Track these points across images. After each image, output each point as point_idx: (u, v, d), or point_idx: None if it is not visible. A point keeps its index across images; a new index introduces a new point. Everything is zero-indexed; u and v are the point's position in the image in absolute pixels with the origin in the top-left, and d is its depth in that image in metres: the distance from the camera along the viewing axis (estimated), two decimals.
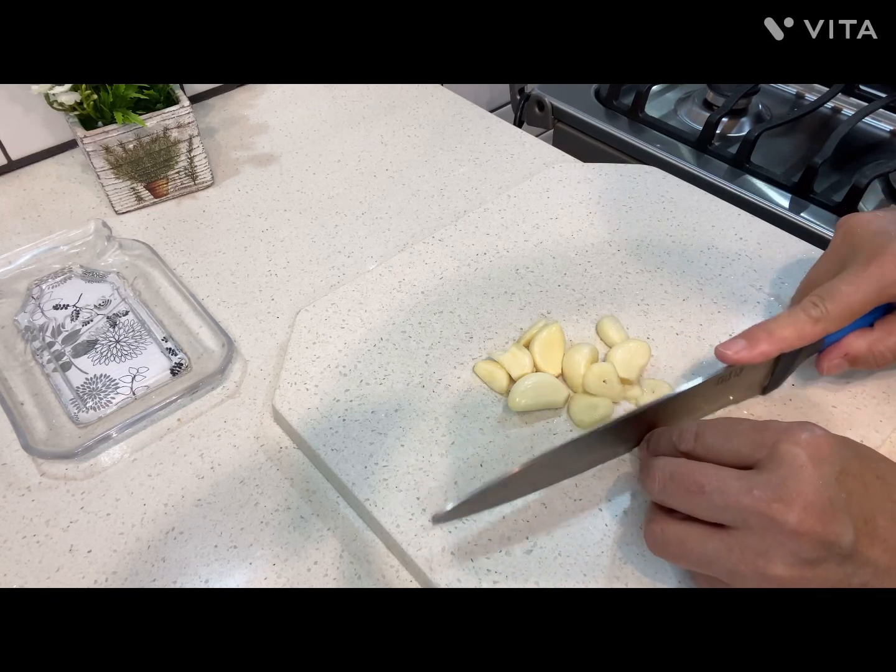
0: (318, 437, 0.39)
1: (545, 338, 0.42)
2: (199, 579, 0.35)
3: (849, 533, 0.26)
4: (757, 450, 0.29)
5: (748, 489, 0.28)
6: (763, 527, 0.27)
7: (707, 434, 0.31)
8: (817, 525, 0.26)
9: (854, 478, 0.28)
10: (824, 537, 0.26)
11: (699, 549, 0.29)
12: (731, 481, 0.28)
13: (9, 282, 0.49)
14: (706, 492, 0.29)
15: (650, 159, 0.66)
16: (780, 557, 0.27)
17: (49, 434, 0.41)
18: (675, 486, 0.30)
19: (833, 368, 0.38)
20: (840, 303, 0.35)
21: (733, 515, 0.28)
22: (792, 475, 0.27)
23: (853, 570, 0.27)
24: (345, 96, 0.70)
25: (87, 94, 0.51)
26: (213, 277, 0.51)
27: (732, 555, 0.28)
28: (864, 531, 0.27)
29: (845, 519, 0.26)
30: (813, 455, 0.28)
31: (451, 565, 0.33)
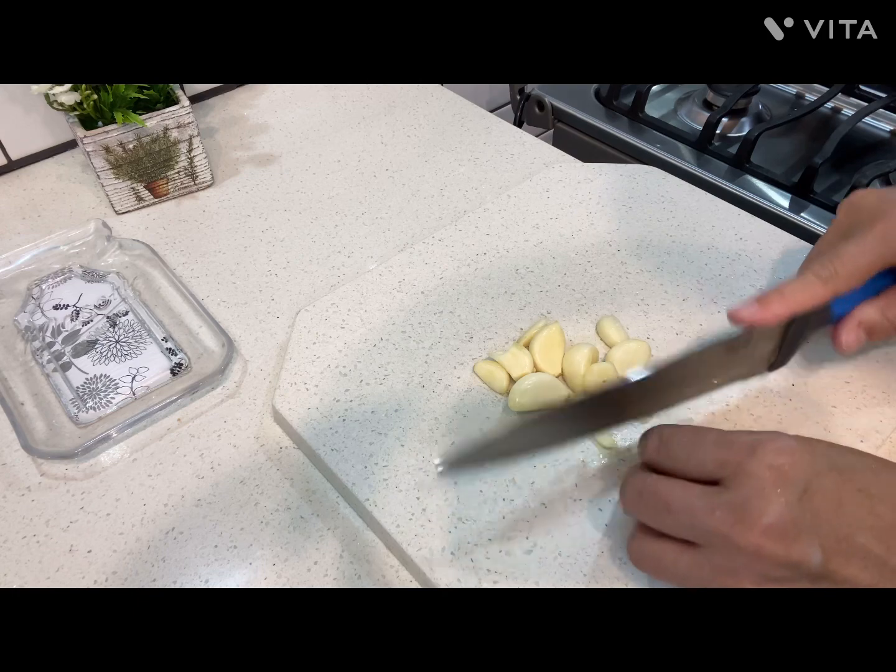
0: (318, 437, 0.39)
1: (545, 338, 0.42)
2: (199, 579, 0.35)
3: (815, 554, 0.26)
4: (721, 467, 0.29)
5: (711, 509, 0.28)
6: (727, 549, 0.27)
7: (672, 444, 0.31)
8: (778, 548, 0.26)
9: (824, 496, 0.27)
10: (787, 559, 0.26)
11: (673, 566, 0.29)
12: (695, 500, 0.28)
13: (9, 282, 0.49)
14: (672, 511, 0.29)
15: (650, 159, 0.66)
16: (747, 576, 0.27)
17: (49, 434, 0.41)
18: (644, 504, 0.30)
19: (851, 341, 0.37)
20: (848, 263, 0.35)
21: (699, 534, 0.28)
22: (754, 496, 0.27)
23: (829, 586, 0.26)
24: (345, 96, 0.70)
25: (87, 94, 0.51)
26: (213, 277, 0.51)
27: (703, 571, 0.28)
28: (838, 550, 0.26)
29: (810, 540, 0.26)
30: (777, 476, 0.27)
31: (451, 565, 0.33)
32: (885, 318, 0.36)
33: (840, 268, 0.35)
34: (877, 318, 0.36)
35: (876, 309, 0.36)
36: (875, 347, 0.42)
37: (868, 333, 0.37)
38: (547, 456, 0.37)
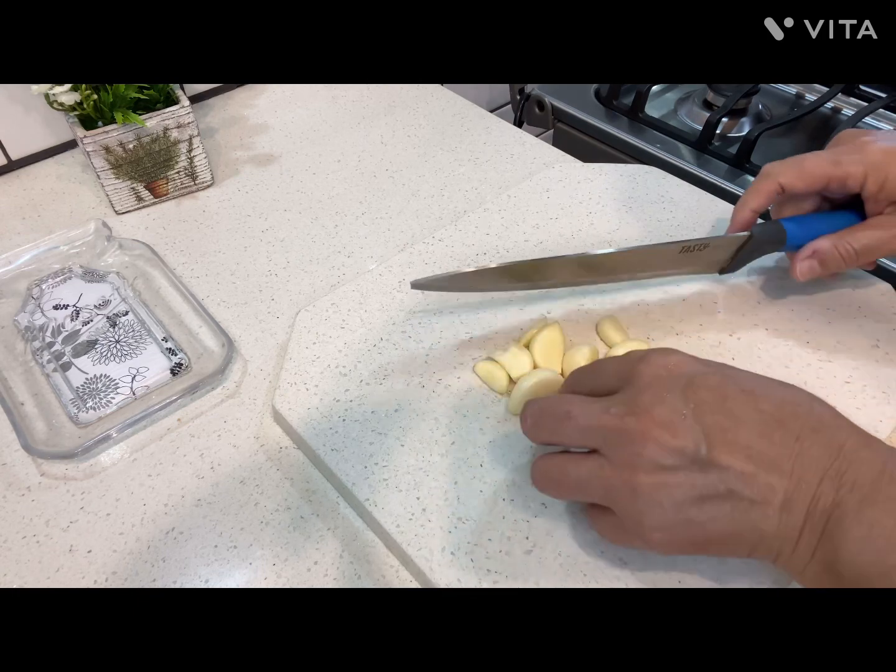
0: (318, 437, 0.39)
1: (545, 338, 0.42)
2: (199, 579, 0.35)
3: (698, 440, 0.28)
4: (618, 378, 0.31)
5: (606, 408, 0.30)
6: (621, 441, 0.29)
7: (578, 374, 0.34)
8: (663, 433, 0.28)
9: (708, 390, 0.29)
10: (673, 444, 0.28)
11: (575, 474, 0.31)
12: (592, 405, 0.31)
13: (9, 282, 0.49)
14: (572, 416, 0.31)
15: (650, 159, 0.66)
16: (640, 467, 0.28)
17: (49, 434, 0.41)
18: (545, 417, 0.32)
19: (805, 269, 0.41)
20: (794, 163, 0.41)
21: (596, 436, 0.30)
22: (641, 391, 0.30)
23: (717, 477, 0.28)
24: (345, 96, 0.70)
25: (87, 94, 0.51)
26: (213, 277, 0.51)
27: (603, 472, 0.30)
28: (722, 439, 0.28)
29: (693, 427, 0.28)
30: (661, 372, 0.30)
31: (451, 565, 0.33)
32: (836, 249, 0.40)
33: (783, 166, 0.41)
34: (828, 249, 0.40)
35: (829, 241, 0.40)
36: (875, 347, 0.43)
37: (820, 263, 0.41)
38: None
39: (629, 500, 0.29)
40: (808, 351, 0.43)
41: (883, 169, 0.38)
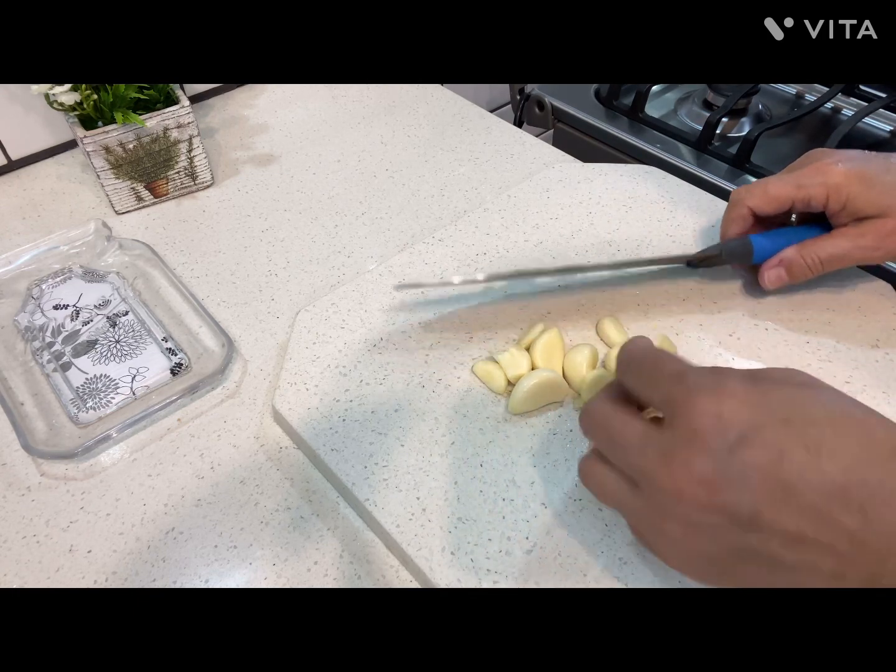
0: (318, 437, 0.39)
1: (545, 342, 0.42)
2: (199, 579, 0.35)
3: (744, 502, 0.25)
4: (668, 405, 0.28)
5: (643, 448, 0.28)
6: (654, 490, 0.27)
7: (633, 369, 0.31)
8: (701, 494, 0.26)
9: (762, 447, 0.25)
10: (711, 505, 0.26)
11: (613, 494, 0.30)
12: (634, 438, 0.28)
13: (9, 282, 0.49)
14: (615, 445, 0.29)
15: (650, 159, 0.66)
16: (673, 519, 0.27)
17: (49, 434, 0.41)
18: (595, 433, 0.31)
19: (773, 278, 0.44)
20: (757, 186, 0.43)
21: (634, 471, 0.28)
22: (683, 441, 0.27)
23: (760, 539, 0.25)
24: (345, 96, 0.70)
25: (87, 94, 0.51)
26: (213, 277, 0.51)
27: (636, 504, 0.28)
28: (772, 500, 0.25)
29: (739, 489, 0.25)
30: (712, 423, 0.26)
31: (451, 565, 0.33)
32: (801, 257, 0.42)
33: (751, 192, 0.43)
34: (794, 258, 0.43)
35: (795, 251, 0.43)
36: (875, 347, 0.43)
37: (787, 272, 0.43)
38: (546, 456, 0.37)
39: (655, 539, 0.28)
40: (808, 351, 0.43)
41: (843, 190, 0.40)
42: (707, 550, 0.27)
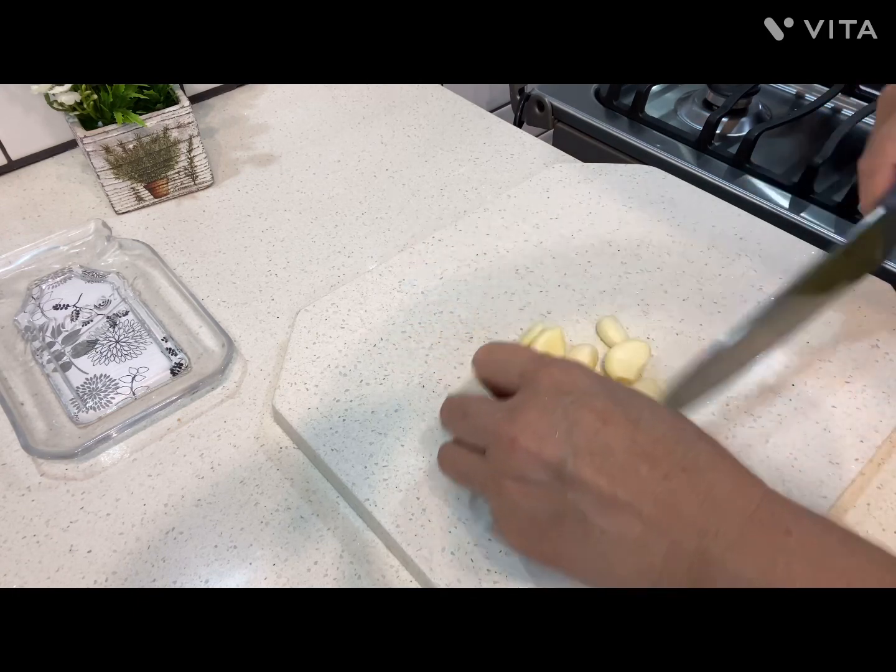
0: (318, 437, 0.39)
1: (546, 341, 0.42)
2: (199, 579, 0.35)
3: (565, 456, 0.27)
4: (521, 379, 0.31)
5: (493, 412, 0.31)
6: (497, 446, 0.30)
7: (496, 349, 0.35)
8: (533, 444, 0.28)
9: (590, 411, 0.28)
10: (539, 456, 0.28)
11: (463, 465, 0.32)
12: (485, 406, 0.32)
13: (9, 282, 0.49)
14: (468, 415, 0.32)
15: (650, 159, 0.66)
16: (507, 473, 0.29)
17: (49, 434, 0.41)
18: (450, 414, 0.34)
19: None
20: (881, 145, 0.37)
21: (484, 437, 0.31)
22: (525, 400, 0.30)
23: (575, 497, 0.27)
24: (345, 96, 0.70)
25: (87, 94, 0.51)
26: (213, 277, 0.51)
27: (483, 471, 0.31)
28: (590, 461, 0.27)
29: (563, 444, 0.28)
30: (552, 385, 0.30)
31: (451, 565, 0.33)
32: None
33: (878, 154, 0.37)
34: None
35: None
36: (875, 347, 0.43)
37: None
38: None
39: (494, 500, 0.30)
40: (809, 351, 0.43)
41: None
42: (533, 509, 0.29)
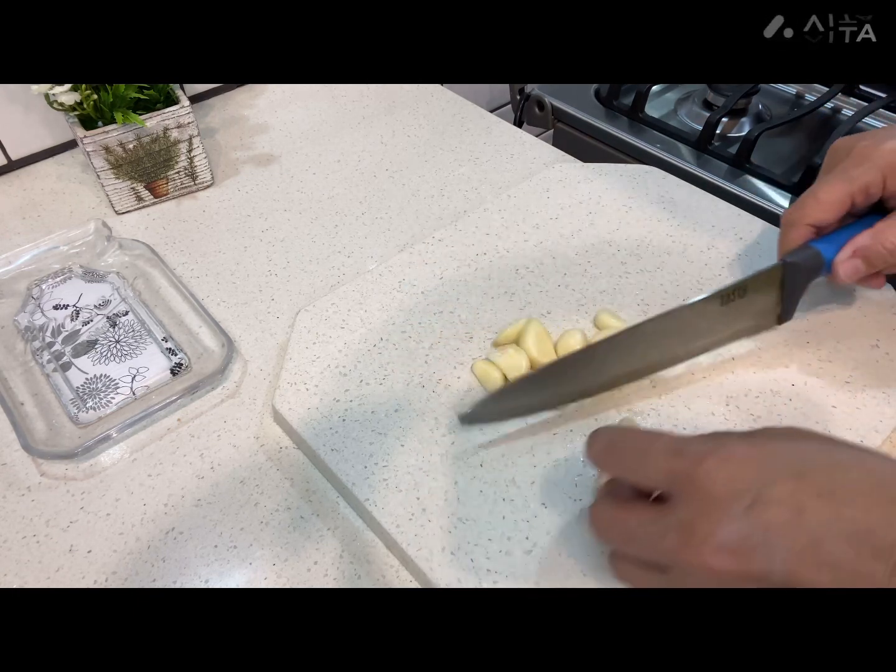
0: (318, 437, 0.39)
1: (533, 333, 0.42)
2: (199, 579, 0.35)
3: (776, 567, 0.25)
4: (671, 482, 0.28)
5: (662, 535, 0.27)
6: (685, 571, 0.27)
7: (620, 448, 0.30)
8: (731, 565, 0.25)
9: (779, 505, 0.25)
10: (745, 574, 0.25)
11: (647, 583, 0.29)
12: (648, 527, 0.28)
13: (9, 282, 0.49)
14: (635, 540, 0.29)
15: (650, 159, 0.66)
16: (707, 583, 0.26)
17: (49, 434, 0.41)
18: (607, 533, 0.30)
19: (849, 269, 0.38)
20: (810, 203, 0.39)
21: (660, 560, 0.28)
22: (698, 515, 0.26)
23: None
24: (345, 96, 0.70)
25: (87, 94, 0.51)
26: (213, 277, 0.51)
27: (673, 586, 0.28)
28: (802, 560, 0.24)
29: (766, 554, 0.25)
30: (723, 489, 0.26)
31: (451, 565, 0.33)
32: (879, 243, 0.38)
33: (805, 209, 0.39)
34: (870, 245, 0.38)
35: (868, 236, 0.38)
36: (875, 347, 0.43)
37: (864, 261, 0.38)
38: (546, 456, 0.37)
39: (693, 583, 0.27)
40: (808, 351, 0.43)
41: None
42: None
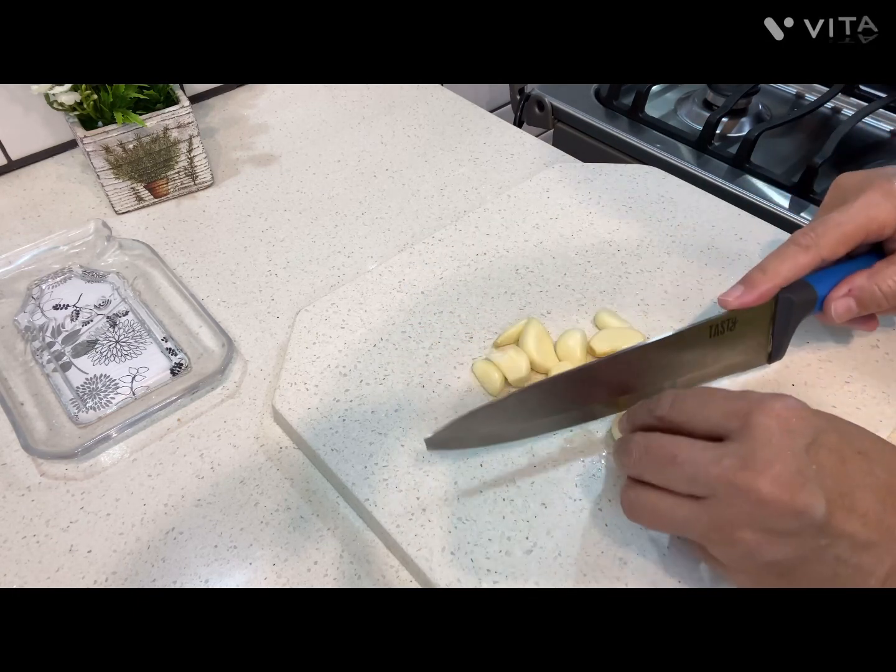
0: (318, 437, 0.39)
1: (536, 334, 0.42)
2: (199, 579, 0.35)
3: (820, 504, 0.26)
4: (730, 420, 0.29)
5: (717, 459, 0.28)
6: (730, 496, 0.27)
7: (683, 400, 0.31)
8: (784, 494, 0.26)
9: (829, 451, 0.27)
10: (793, 507, 0.26)
11: (670, 516, 0.30)
12: (701, 452, 0.29)
13: (9, 282, 0.49)
14: (678, 462, 0.29)
15: (650, 159, 0.66)
16: (747, 525, 0.27)
17: (49, 434, 0.41)
18: (650, 458, 0.31)
19: (841, 308, 0.37)
20: (830, 227, 0.36)
21: (703, 485, 0.28)
22: (761, 445, 0.27)
23: (828, 543, 0.26)
24: (345, 96, 0.70)
25: (87, 94, 0.51)
26: (213, 277, 0.51)
27: (701, 523, 0.28)
28: (841, 504, 0.26)
29: (815, 490, 0.26)
30: (783, 426, 0.28)
31: (451, 565, 0.33)
32: (875, 284, 0.36)
33: (822, 233, 0.36)
34: (865, 285, 0.36)
35: (865, 277, 0.37)
36: (875, 347, 0.43)
37: (857, 302, 0.37)
38: (546, 456, 0.37)
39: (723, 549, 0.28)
40: (809, 351, 0.43)
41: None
42: (777, 557, 0.27)
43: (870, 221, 0.36)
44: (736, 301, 0.36)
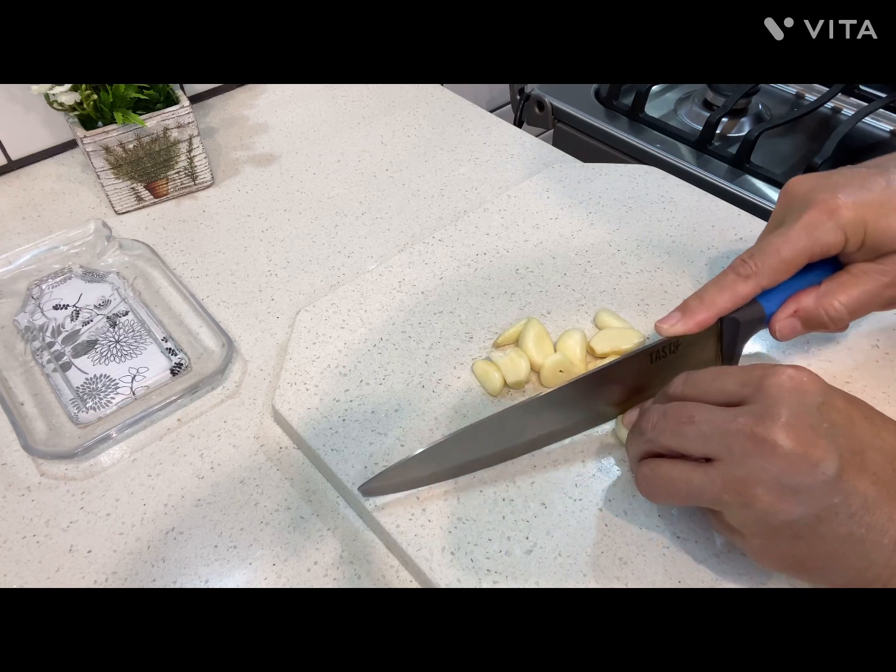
0: (318, 437, 0.39)
1: (533, 333, 0.42)
2: (199, 579, 0.35)
3: (833, 459, 0.26)
4: (743, 387, 0.30)
5: (733, 417, 0.28)
6: (745, 452, 0.28)
7: (697, 377, 0.32)
8: (799, 447, 0.27)
9: (839, 412, 0.28)
10: (807, 460, 0.26)
11: (685, 483, 0.30)
12: (718, 412, 0.29)
13: (9, 282, 0.49)
14: (695, 421, 0.30)
15: (650, 159, 0.66)
16: (762, 482, 0.27)
17: (49, 434, 0.41)
18: (667, 420, 0.31)
19: (786, 329, 0.36)
20: (770, 255, 0.35)
21: (718, 443, 0.29)
22: (774, 402, 0.28)
23: (841, 501, 0.26)
24: (345, 96, 0.70)
25: (87, 94, 0.51)
26: (213, 277, 0.51)
27: (715, 486, 0.29)
28: (852, 462, 0.27)
29: (829, 445, 0.27)
30: (795, 386, 0.28)
31: (451, 565, 0.33)
32: (820, 306, 0.35)
33: (761, 262, 0.35)
34: (812, 307, 0.36)
35: (812, 297, 0.36)
36: (875, 347, 0.43)
37: (803, 322, 0.36)
38: (546, 456, 0.37)
39: (740, 511, 0.28)
40: (809, 351, 0.43)
41: (859, 227, 0.34)
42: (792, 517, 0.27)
43: (813, 245, 0.34)
44: (671, 329, 0.36)
